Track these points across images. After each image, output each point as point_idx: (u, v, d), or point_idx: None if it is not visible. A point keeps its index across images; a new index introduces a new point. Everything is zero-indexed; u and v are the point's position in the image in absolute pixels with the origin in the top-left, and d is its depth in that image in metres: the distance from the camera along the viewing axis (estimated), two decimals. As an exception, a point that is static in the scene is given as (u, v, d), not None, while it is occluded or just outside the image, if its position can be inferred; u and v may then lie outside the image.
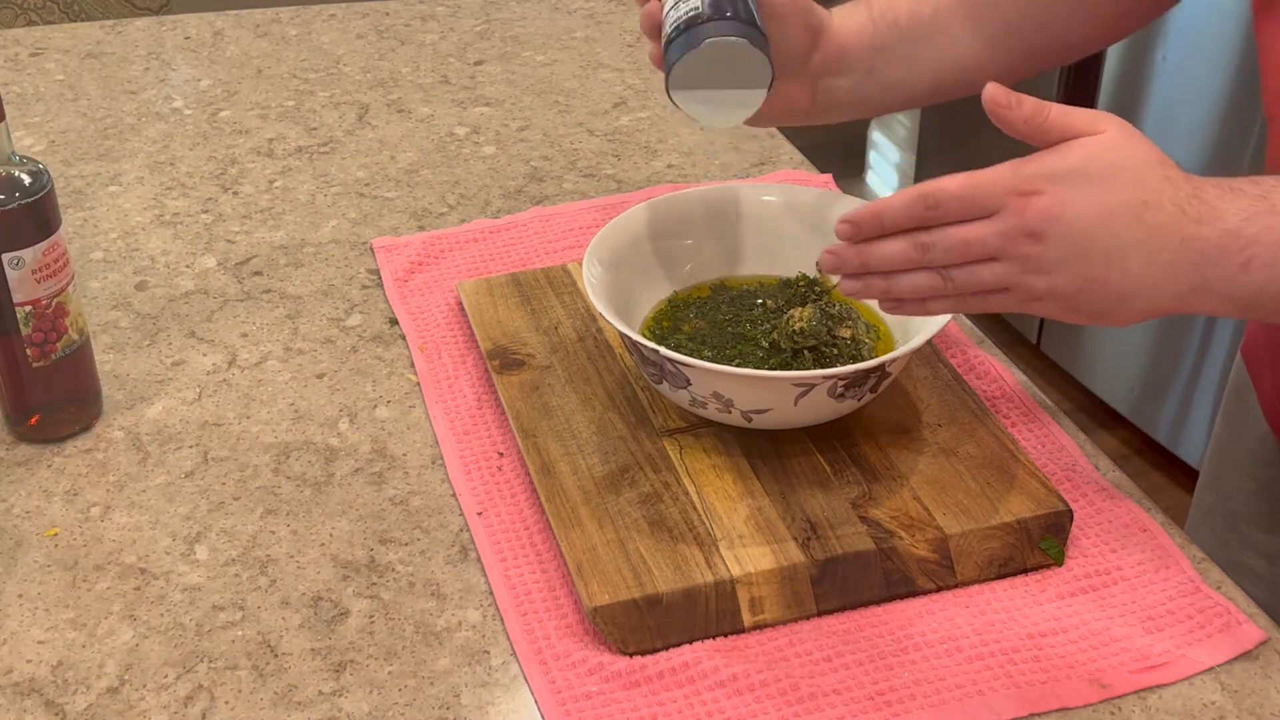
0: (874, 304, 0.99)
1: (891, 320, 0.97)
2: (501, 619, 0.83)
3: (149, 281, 1.14)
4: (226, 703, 0.78)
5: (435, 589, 0.86)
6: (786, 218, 1.02)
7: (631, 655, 0.80)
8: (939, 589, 0.85)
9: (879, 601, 0.84)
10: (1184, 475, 2.30)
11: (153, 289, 1.13)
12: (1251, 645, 0.82)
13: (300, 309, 1.11)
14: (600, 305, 0.90)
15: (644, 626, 0.80)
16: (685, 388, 0.88)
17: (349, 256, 1.18)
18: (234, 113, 1.40)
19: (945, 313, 0.82)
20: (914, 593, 0.85)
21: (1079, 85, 2.29)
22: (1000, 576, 0.86)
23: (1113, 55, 2.22)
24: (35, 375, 0.94)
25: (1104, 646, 0.81)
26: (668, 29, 0.89)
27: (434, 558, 0.88)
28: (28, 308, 0.92)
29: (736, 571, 0.81)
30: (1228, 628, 0.82)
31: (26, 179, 0.90)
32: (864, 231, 0.80)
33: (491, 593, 0.85)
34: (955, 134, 2.80)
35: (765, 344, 0.94)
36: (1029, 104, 0.76)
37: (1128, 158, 0.75)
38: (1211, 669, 0.80)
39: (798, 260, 1.01)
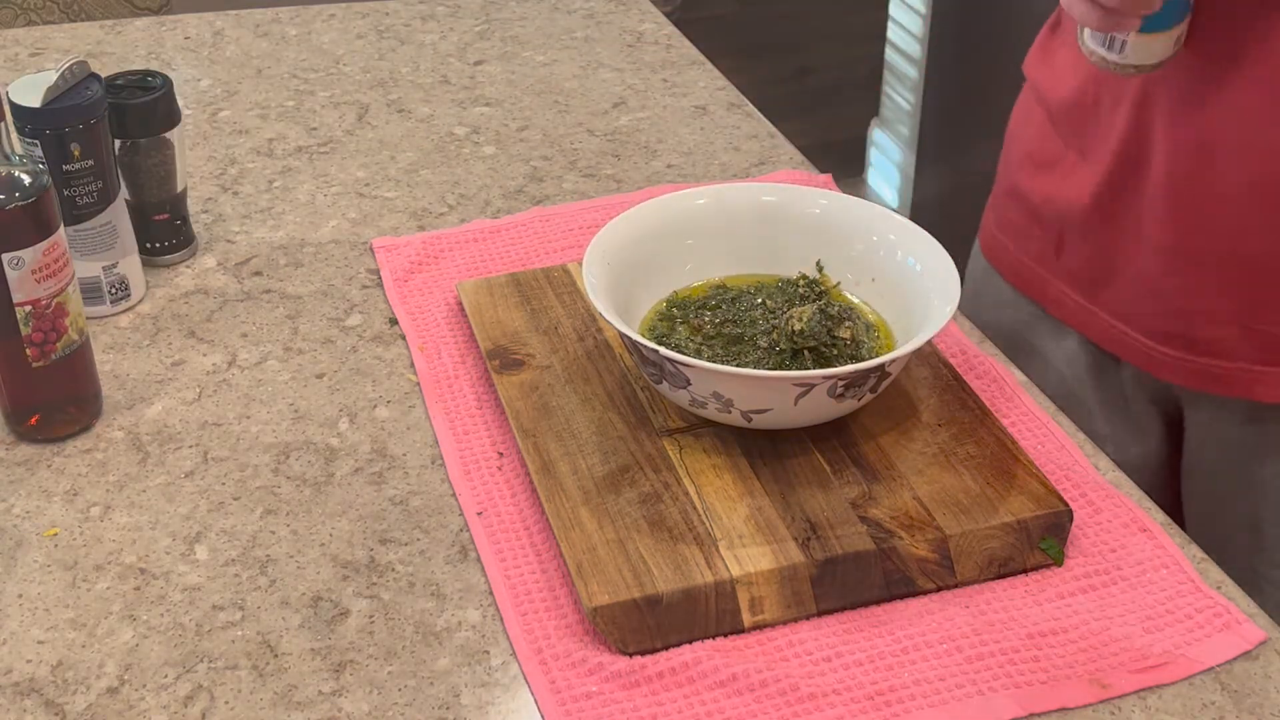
0: (874, 304, 0.99)
1: (891, 320, 0.98)
2: (501, 619, 0.83)
3: (149, 281, 1.14)
4: (226, 703, 0.78)
5: (435, 589, 0.86)
6: (786, 218, 1.02)
7: (631, 655, 0.80)
8: (939, 589, 0.85)
9: (879, 601, 0.84)
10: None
11: (153, 289, 1.13)
12: (1251, 645, 0.82)
13: (300, 309, 1.11)
14: (600, 305, 0.90)
15: (644, 626, 0.80)
16: (685, 388, 0.88)
17: (349, 256, 1.18)
18: (234, 113, 1.40)
19: None
20: (914, 593, 0.85)
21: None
22: (1000, 576, 0.86)
23: None
24: (35, 375, 0.94)
25: (1104, 646, 0.81)
26: None
27: (434, 558, 0.88)
28: (28, 308, 0.92)
29: (736, 571, 0.81)
30: (1228, 628, 0.82)
31: (26, 179, 0.90)
32: None
33: (491, 593, 0.85)
34: (956, 134, 2.80)
35: (765, 344, 0.94)
36: None
37: None
38: (1211, 669, 0.80)
39: (798, 260, 1.01)
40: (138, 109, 1.10)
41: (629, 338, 0.88)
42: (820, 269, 1.01)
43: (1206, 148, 0.99)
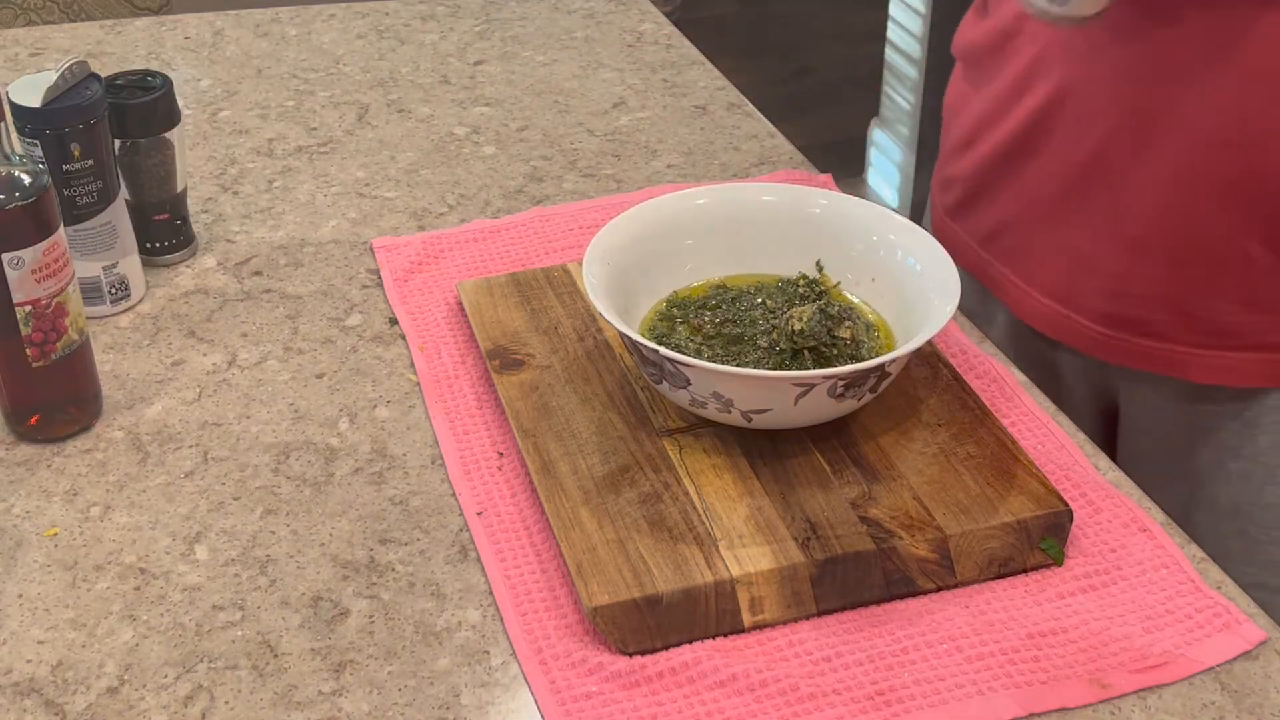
0: (874, 304, 0.99)
1: (891, 320, 0.98)
2: (501, 619, 0.83)
3: (149, 281, 1.14)
4: (226, 703, 0.78)
5: (435, 589, 0.86)
6: (786, 218, 1.02)
7: (631, 655, 0.80)
8: (939, 589, 0.85)
9: (879, 601, 0.84)
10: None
11: (153, 289, 1.13)
12: (1251, 645, 0.82)
13: (300, 309, 1.11)
14: (600, 305, 0.90)
15: (644, 626, 0.80)
16: (685, 388, 0.88)
17: (349, 256, 1.18)
18: (234, 113, 1.40)
19: None
20: (914, 593, 0.85)
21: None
22: (1000, 576, 0.86)
23: None
24: (35, 375, 0.94)
25: (1104, 646, 0.81)
26: None
27: (434, 558, 0.88)
28: (28, 308, 0.92)
29: (736, 571, 0.81)
30: (1228, 627, 0.82)
31: (26, 179, 0.90)
32: None
33: (491, 593, 0.85)
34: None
35: (765, 344, 0.94)
36: None
37: None
38: (1211, 669, 0.80)
39: (798, 260, 1.01)
40: (138, 109, 1.10)
41: (629, 338, 0.88)
42: (820, 269, 1.01)
43: (1138, 134, 1.00)
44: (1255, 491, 1.08)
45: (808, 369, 0.91)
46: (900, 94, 3.02)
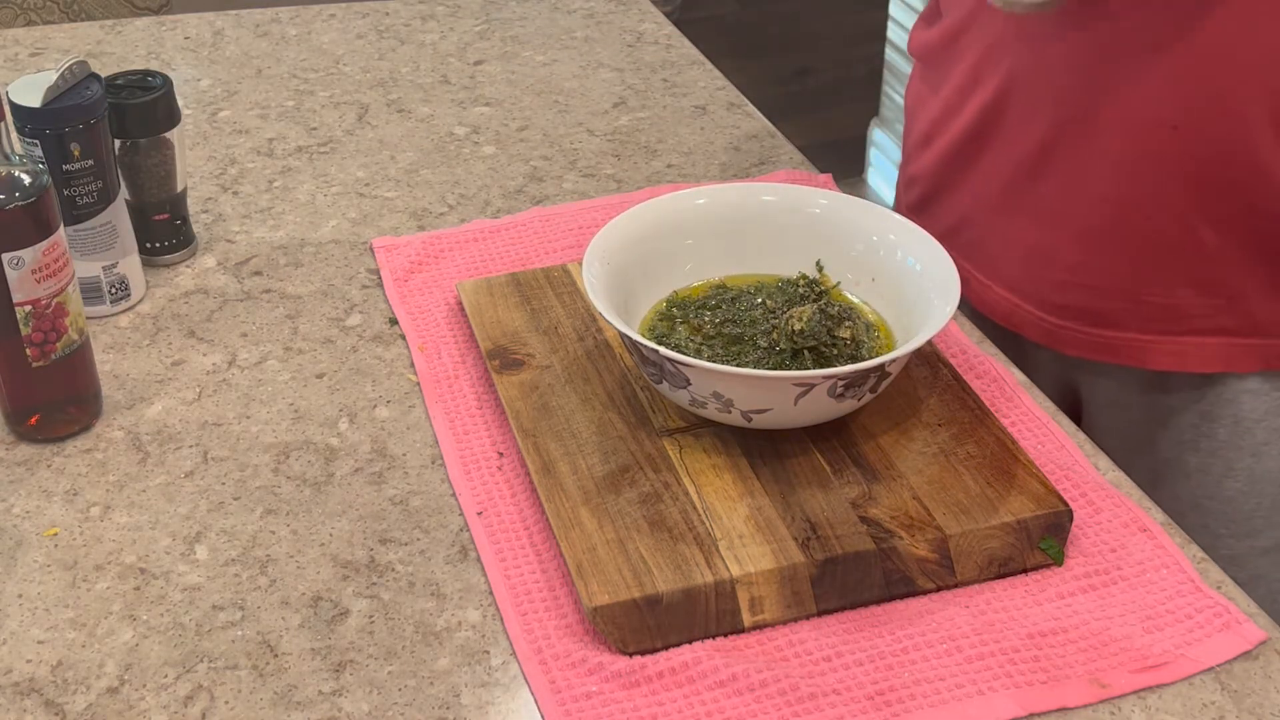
0: (874, 304, 0.99)
1: (891, 320, 0.98)
2: (501, 619, 0.83)
3: (149, 281, 1.14)
4: (226, 703, 0.78)
5: (435, 589, 0.86)
6: (786, 218, 1.02)
7: (631, 655, 0.80)
8: (939, 589, 0.85)
9: (879, 601, 0.84)
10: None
11: (153, 289, 1.13)
12: (1251, 645, 0.82)
13: (300, 309, 1.11)
14: (600, 305, 0.90)
15: (644, 626, 0.80)
16: (685, 388, 0.88)
17: (349, 256, 1.18)
18: (234, 113, 1.40)
19: None
20: (914, 593, 0.85)
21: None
22: (1000, 576, 0.86)
23: None
24: (35, 375, 0.94)
25: (1104, 646, 0.81)
26: None
27: (434, 558, 0.88)
28: (28, 308, 0.92)
29: (736, 571, 0.81)
30: (1228, 627, 0.82)
31: (26, 179, 0.90)
32: None
33: (491, 593, 0.85)
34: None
35: (765, 344, 0.94)
36: None
37: None
38: (1211, 669, 0.80)
39: (798, 260, 1.01)
40: (138, 109, 1.10)
41: (629, 338, 0.88)
42: (820, 269, 1.01)
43: (1088, 121, 1.01)
44: (1214, 485, 1.09)
45: (808, 369, 0.91)
46: (900, 94, 3.02)
